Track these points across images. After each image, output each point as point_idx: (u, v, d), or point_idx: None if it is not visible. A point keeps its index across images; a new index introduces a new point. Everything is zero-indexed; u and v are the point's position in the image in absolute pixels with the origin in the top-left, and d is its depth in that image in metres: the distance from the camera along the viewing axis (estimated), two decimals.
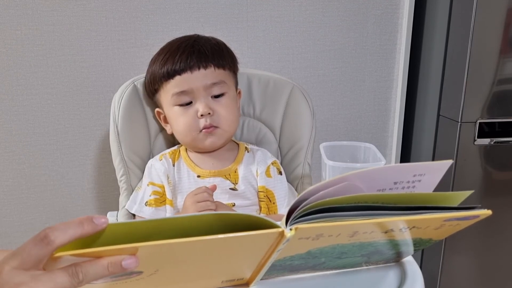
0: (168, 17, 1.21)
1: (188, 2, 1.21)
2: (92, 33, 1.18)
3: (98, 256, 0.41)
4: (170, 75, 0.84)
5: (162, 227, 0.42)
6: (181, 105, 0.86)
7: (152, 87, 0.90)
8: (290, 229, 0.44)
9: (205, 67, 0.85)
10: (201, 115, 0.85)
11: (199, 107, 0.85)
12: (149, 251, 0.41)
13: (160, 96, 0.89)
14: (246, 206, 0.90)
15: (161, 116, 0.93)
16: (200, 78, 0.84)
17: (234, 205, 0.89)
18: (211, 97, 0.86)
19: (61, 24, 1.16)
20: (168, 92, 0.86)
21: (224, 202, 0.88)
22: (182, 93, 0.85)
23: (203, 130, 0.86)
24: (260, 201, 0.91)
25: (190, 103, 0.86)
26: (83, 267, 0.40)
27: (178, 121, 0.87)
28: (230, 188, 0.90)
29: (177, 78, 0.84)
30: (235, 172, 0.91)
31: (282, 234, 0.44)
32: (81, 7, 1.16)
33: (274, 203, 0.91)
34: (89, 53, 1.19)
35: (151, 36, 1.21)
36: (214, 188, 0.82)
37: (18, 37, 1.14)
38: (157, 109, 0.93)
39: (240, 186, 0.90)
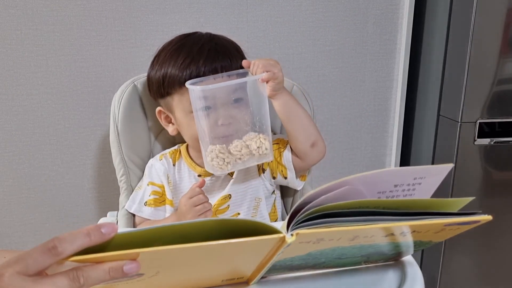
0: (168, 17, 1.21)
1: (188, 2, 1.21)
2: (92, 33, 1.18)
3: (99, 262, 0.41)
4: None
5: (163, 233, 0.41)
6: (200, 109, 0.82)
7: (163, 90, 0.85)
8: (291, 235, 0.44)
9: (229, 75, 0.82)
10: (222, 124, 0.81)
11: (221, 116, 0.81)
12: (150, 256, 0.41)
13: (172, 100, 0.85)
14: (242, 195, 0.90)
15: (163, 116, 0.90)
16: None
17: (230, 196, 0.89)
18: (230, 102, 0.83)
19: (61, 24, 1.16)
20: (186, 97, 0.82)
21: (221, 194, 0.88)
22: (204, 100, 0.81)
23: (221, 138, 0.84)
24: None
25: (208, 108, 0.82)
26: (84, 271, 0.40)
27: (194, 127, 0.83)
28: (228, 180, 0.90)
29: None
30: None
31: (283, 239, 0.44)
32: (81, 7, 1.16)
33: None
34: (89, 53, 1.19)
35: (151, 36, 1.21)
36: (203, 183, 0.81)
37: (18, 37, 1.14)
38: (159, 108, 0.90)
39: (237, 171, 0.89)
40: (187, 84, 0.77)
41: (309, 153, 0.87)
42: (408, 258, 0.62)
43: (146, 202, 0.89)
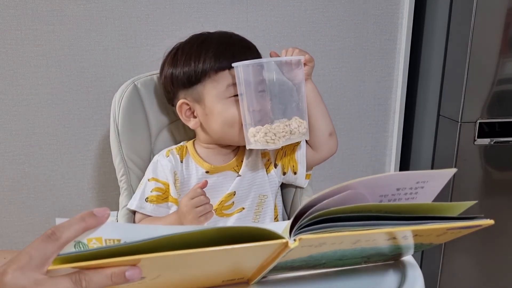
0: (168, 17, 1.21)
1: (188, 2, 1.21)
2: (92, 33, 1.18)
3: (101, 268, 0.41)
4: (229, 65, 0.82)
5: (164, 241, 0.41)
6: (236, 95, 0.83)
7: (193, 79, 0.85)
8: (294, 240, 0.44)
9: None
10: (253, 110, 0.82)
11: (252, 102, 0.82)
12: (152, 261, 0.41)
13: (204, 87, 0.85)
14: (247, 191, 0.90)
15: (184, 109, 0.89)
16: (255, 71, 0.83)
17: (235, 193, 0.89)
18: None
19: (61, 24, 1.16)
20: (222, 82, 0.83)
21: (227, 192, 0.89)
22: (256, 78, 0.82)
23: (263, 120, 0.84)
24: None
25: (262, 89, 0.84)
26: (87, 275, 0.41)
27: (228, 111, 0.84)
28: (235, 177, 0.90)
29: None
30: (242, 161, 0.92)
31: (286, 244, 0.44)
32: (81, 7, 1.16)
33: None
34: (89, 53, 1.19)
35: (151, 36, 1.21)
36: (205, 184, 0.81)
37: (18, 37, 1.14)
38: (182, 101, 0.88)
39: (244, 169, 0.90)
40: (238, 63, 0.79)
41: (325, 143, 0.91)
42: (409, 259, 0.61)
43: (147, 198, 0.88)
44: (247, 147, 0.84)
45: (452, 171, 0.51)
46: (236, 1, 1.24)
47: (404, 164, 1.54)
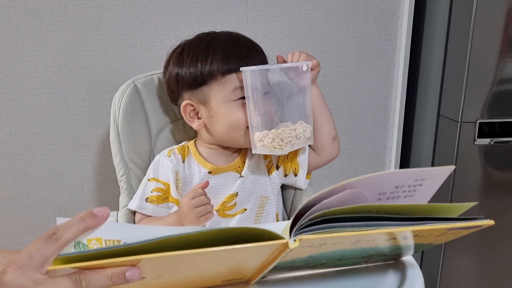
0: (168, 17, 1.21)
1: (188, 2, 1.21)
2: (92, 33, 1.18)
3: (101, 268, 0.41)
4: (237, 69, 0.82)
5: (165, 243, 0.41)
6: (241, 98, 0.83)
7: (199, 80, 0.84)
8: (294, 240, 0.44)
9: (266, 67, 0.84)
10: (259, 113, 0.82)
11: (259, 105, 0.82)
12: (152, 262, 0.41)
13: (210, 90, 0.84)
14: (249, 193, 0.90)
15: (189, 110, 0.88)
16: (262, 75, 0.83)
17: (237, 194, 0.89)
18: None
19: (61, 24, 1.16)
20: (228, 85, 0.83)
21: (229, 193, 0.88)
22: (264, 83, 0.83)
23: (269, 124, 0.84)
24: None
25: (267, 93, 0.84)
26: (87, 275, 0.41)
27: (234, 114, 0.83)
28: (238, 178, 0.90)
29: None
30: (244, 162, 0.91)
31: (286, 245, 0.44)
32: (81, 7, 1.16)
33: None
34: (89, 53, 1.19)
35: (151, 36, 1.21)
36: (206, 184, 0.81)
37: (18, 37, 1.14)
38: (186, 102, 0.87)
39: (246, 170, 0.90)
40: (246, 68, 0.79)
41: (328, 147, 0.92)
42: (409, 259, 0.61)
43: (147, 198, 0.88)
44: (253, 152, 0.84)
45: (451, 168, 0.51)
46: (236, 1, 1.24)
47: (404, 164, 1.54)
